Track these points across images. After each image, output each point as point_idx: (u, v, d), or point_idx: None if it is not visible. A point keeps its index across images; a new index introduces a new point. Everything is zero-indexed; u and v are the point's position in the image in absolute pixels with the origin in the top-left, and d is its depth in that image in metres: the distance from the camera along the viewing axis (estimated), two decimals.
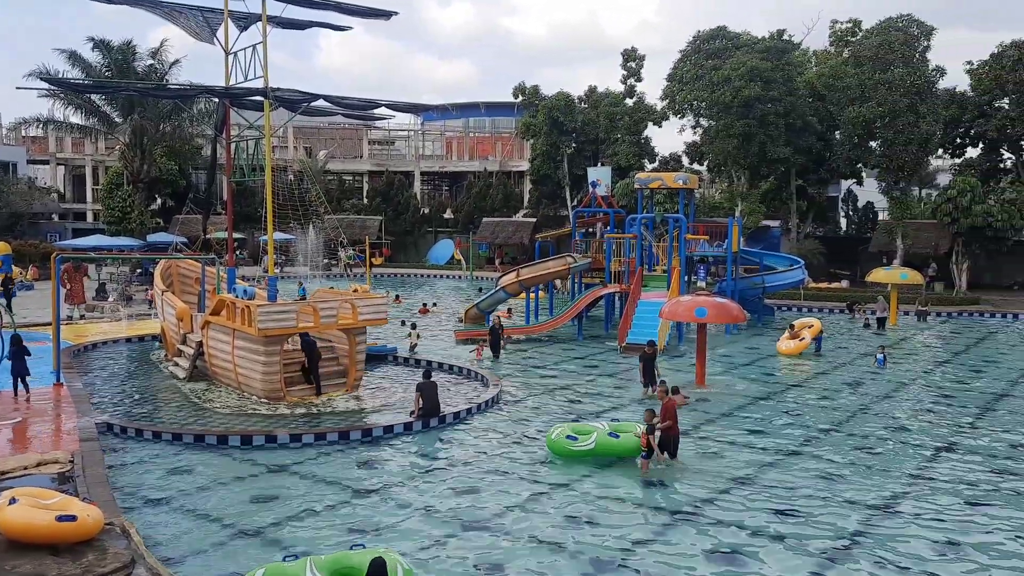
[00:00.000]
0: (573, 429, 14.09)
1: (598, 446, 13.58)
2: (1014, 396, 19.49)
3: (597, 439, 13.63)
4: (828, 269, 44.90)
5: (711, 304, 19.85)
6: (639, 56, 53.83)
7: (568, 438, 13.79)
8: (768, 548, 10.35)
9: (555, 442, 13.94)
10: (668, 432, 13.67)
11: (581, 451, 13.62)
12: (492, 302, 30.43)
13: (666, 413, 13.72)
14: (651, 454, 13.32)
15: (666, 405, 13.86)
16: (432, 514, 11.48)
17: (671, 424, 13.68)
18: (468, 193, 61.95)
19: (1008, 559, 10.06)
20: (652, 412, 13.62)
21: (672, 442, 13.75)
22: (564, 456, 13.78)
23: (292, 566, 8.48)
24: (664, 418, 13.67)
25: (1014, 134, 41.20)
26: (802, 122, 43.42)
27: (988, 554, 10.21)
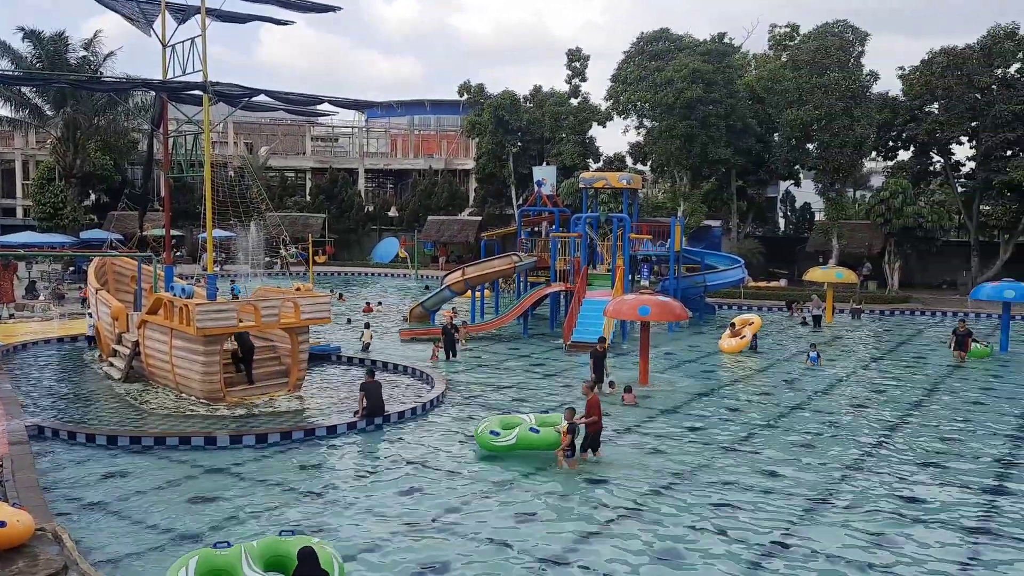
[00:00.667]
0: (498, 423, 14.27)
1: (519, 441, 13.75)
2: (942, 392, 20.22)
3: (518, 434, 13.79)
4: (767, 268, 45.93)
5: (654, 302, 20.12)
6: (584, 56, 54.25)
7: (492, 433, 13.97)
8: (708, 542, 10.55)
9: (480, 436, 14.15)
10: (592, 428, 13.84)
11: (503, 445, 13.79)
12: (437, 301, 30.34)
13: (590, 409, 13.90)
14: (574, 452, 13.36)
15: (590, 401, 14.01)
16: (377, 514, 11.39)
17: (595, 420, 13.84)
18: (413, 191, 61.62)
19: (941, 546, 10.43)
20: (572, 410, 13.72)
21: (595, 438, 13.92)
22: (489, 450, 13.95)
23: (224, 553, 8.37)
24: (588, 414, 13.85)
25: (943, 138, 42.70)
26: (742, 124, 44.31)
27: (920, 544, 10.56)
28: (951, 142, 43.54)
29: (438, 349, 23.31)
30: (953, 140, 43.30)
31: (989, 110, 40.26)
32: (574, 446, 13.39)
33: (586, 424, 13.78)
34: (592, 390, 14.58)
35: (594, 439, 13.90)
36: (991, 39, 40.79)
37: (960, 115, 41.27)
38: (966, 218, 44.13)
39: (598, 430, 13.94)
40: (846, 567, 9.85)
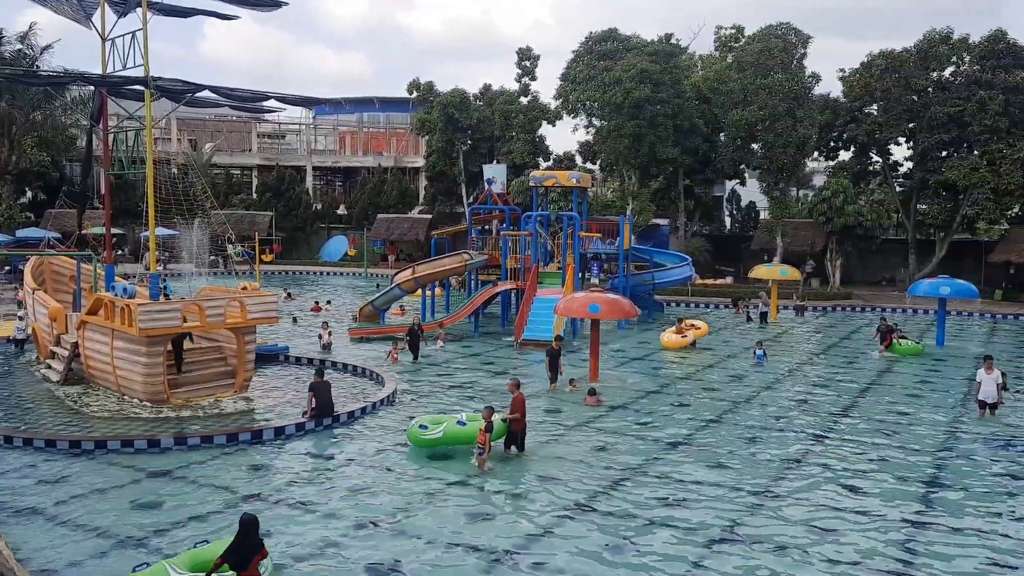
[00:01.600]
0: (429, 419, 14.32)
1: (446, 434, 13.84)
2: (882, 385, 20.79)
3: (445, 428, 13.88)
4: (714, 266, 46.66)
5: (604, 300, 20.28)
6: (534, 56, 54.40)
7: (420, 427, 14.04)
8: (658, 536, 10.68)
9: (410, 431, 14.24)
10: (516, 425, 13.89)
11: (431, 439, 13.89)
12: (387, 299, 30.11)
13: (515, 406, 13.96)
14: (484, 451, 13.22)
15: (516, 399, 14.07)
16: (326, 515, 11.28)
17: (519, 417, 13.92)
18: (362, 189, 61.08)
19: (882, 534, 10.73)
20: (491, 409, 13.67)
21: (520, 435, 13.99)
22: (419, 445, 14.02)
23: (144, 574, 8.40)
24: (513, 411, 13.93)
25: (882, 138, 43.86)
26: (689, 124, 44.92)
27: (862, 533, 10.85)
28: (889, 143, 44.77)
29: (396, 351, 22.91)
30: (891, 141, 44.54)
31: (925, 112, 41.50)
32: (488, 444, 13.29)
33: (510, 421, 13.82)
34: (516, 388, 14.39)
35: (519, 437, 13.96)
36: (927, 43, 42.05)
37: (898, 116, 42.46)
38: (904, 217, 45.45)
39: (522, 428, 14.02)
40: (791, 557, 10.07)
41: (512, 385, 14.73)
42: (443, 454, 14.00)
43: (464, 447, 13.91)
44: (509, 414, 13.99)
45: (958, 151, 41.44)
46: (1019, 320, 34.24)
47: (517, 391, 14.39)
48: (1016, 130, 39.87)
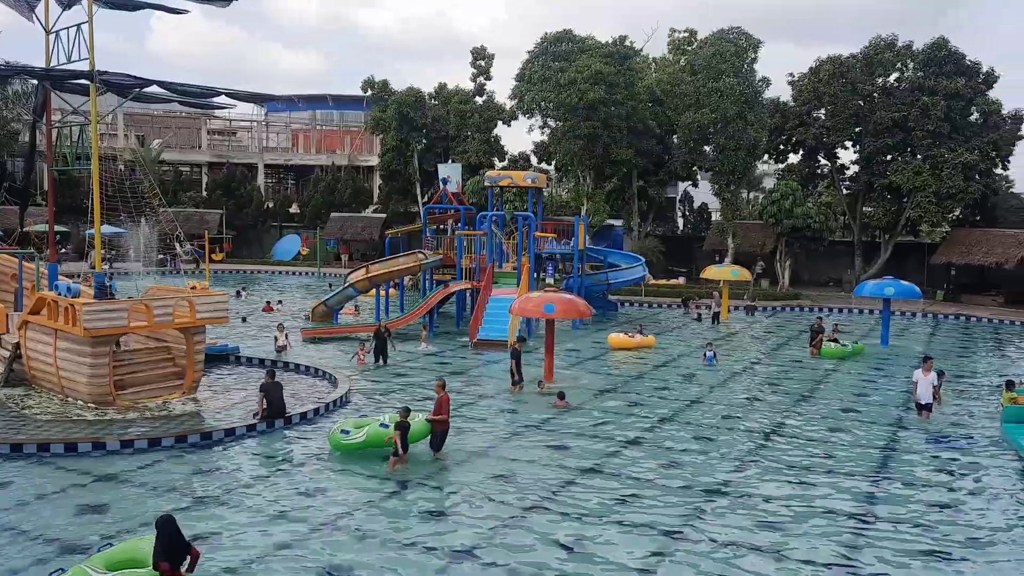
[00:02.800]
0: (350, 424, 14.14)
1: (369, 438, 13.67)
2: (829, 383, 21.27)
3: (368, 431, 13.69)
4: (667, 266, 47.20)
5: (559, 300, 20.37)
6: (489, 55, 54.37)
7: (343, 432, 13.84)
8: (613, 534, 10.77)
9: (332, 437, 14.00)
10: (439, 426, 13.80)
11: (354, 443, 13.71)
12: (340, 299, 29.84)
13: (440, 407, 13.87)
14: (398, 452, 13.13)
15: (440, 399, 13.97)
16: (277, 518, 11.14)
17: (443, 419, 13.83)
18: (315, 187, 60.39)
19: (832, 527, 10.98)
20: (407, 410, 13.56)
21: (441, 437, 13.89)
22: (341, 450, 13.82)
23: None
24: (437, 412, 13.85)
25: (830, 142, 44.85)
26: (643, 126, 45.36)
27: (810, 529, 11.08)
28: (837, 146, 45.80)
29: (363, 353, 22.58)
30: (839, 145, 45.57)
31: (871, 116, 42.53)
32: (406, 444, 13.17)
33: (433, 422, 13.73)
34: (442, 389, 14.25)
35: (440, 438, 13.86)
36: (872, 49, 43.12)
37: (845, 121, 43.45)
38: (850, 219, 46.52)
39: (445, 429, 13.91)
40: (743, 553, 10.24)
41: (438, 386, 14.50)
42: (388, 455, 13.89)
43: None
44: (433, 415, 13.86)
45: (902, 155, 42.56)
46: (959, 320, 35.32)
47: (443, 392, 14.21)
48: (957, 135, 41.09)
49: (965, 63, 41.67)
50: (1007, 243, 39.66)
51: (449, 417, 14.07)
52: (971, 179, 40.97)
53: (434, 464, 13.54)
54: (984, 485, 13.07)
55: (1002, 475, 13.60)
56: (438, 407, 13.96)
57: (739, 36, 42.54)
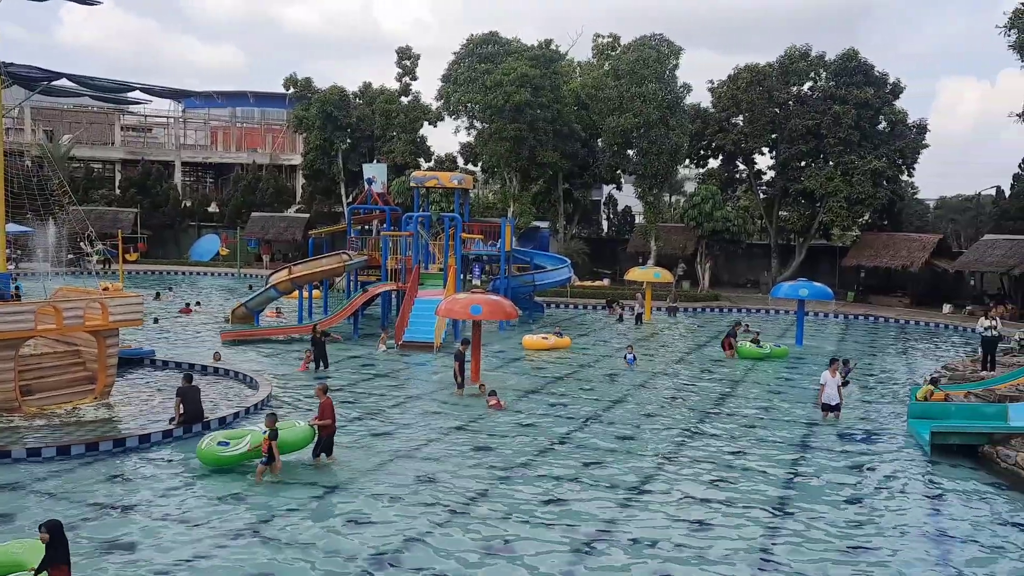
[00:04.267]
0: (226, 435, 13.43)
1: (254, 448, 13.00)
2: (747, 382, 21.89)
3: (251, 441, 13.03)
4: (592, 268, 47.80)
5: (485, 301, 20.39)
6: (414, 55, 54.08)
7: (220, 444, 13.04)
8: (539, 535, 10.83)
9: (205, 451, 13.03)
10: (325, 431, 13.54)
11: (234, 456, 12.96)
12: (262, 300, 29.18)
13: (324, 412, 13.57)
14: (271, 460, 12.71)
15: (323, 404, 13.69)
16: (193, 526, 10.81)
17: (329, 423, 13.56)
18: (235, 186, 58.94)
19: (750, 523, 11.28)
20: (274, 416, 13.19)
21: (327, 441, 13.60)
22: (216, 464, 13.00)
23: None
24: (321, 416, 13.56)
25: (747, 148, 46.22)
26: (568, 129, 45.84)
27: (730, 526, 11.37)
28: (754, 152, 47.23)
29: (309, 358, 21.85)
30: (756, 150, 47.00)
31: (786, 124, 44.01)
32: (272, 454, 12.71)
33: (319, 427, 13.48)
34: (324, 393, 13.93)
35: (327, 442, 13.58)
36: (788, 59, 44.62)
37: (762, 128, 44.83)
38: (767, 222, 48.03)
39: (331, 433, 13.65)
40: (665, 551, 10.44)
41: (319, 390, 14.17)
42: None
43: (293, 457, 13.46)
44: (317, 419, 13.55)
45: (815, 161, 44.16)
46: (868, 320, 36.84)
47: (324, 396, 13.88)
48: (866, 143, 42.88)
49: (874, 74, 43.53)
50: (912, 247, 41.61)
51: (334, 421, 13.69)
52: (879, 185, 42.86)
53: (357, 468, 13.34)
54: (891, 479, 13.66)
55: (908, 469, 14.23)
56: (322, 412, 13.56)
57: (661, 43, 43.42)
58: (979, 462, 14.47)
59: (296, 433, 13.56)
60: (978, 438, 14.90)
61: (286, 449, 13.20)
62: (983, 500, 12.68)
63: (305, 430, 13.62)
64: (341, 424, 16.04)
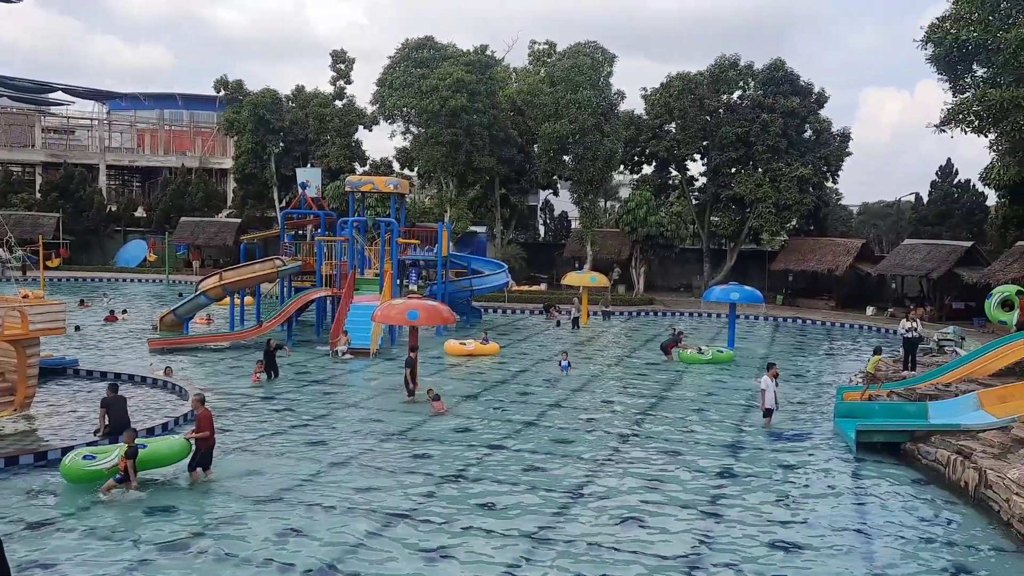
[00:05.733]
0: (93, 449, 12.87)
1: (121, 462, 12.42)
2: (681, 386, 22.28)
3: (119, 453, 12.47)
4: (529, 273, 48.03)
5: (422, 307, 20.30)
6: (349, 59, 53.59)
7: (85, 459, 12.45)
8: (476, 541, 10.80)
9: (70, 468, 12.38)
10: (203, 444, 12.97)
11: (99, 470, 12.38)
12: (191, 308, 28.46)
13: (201, 424, 13.06)
14: (125, 478, 12.13)
15: (201, 415, 13.18)
16: (120, 541, 10.45)
17: (207, 436, 13.00)
18: (164, 190, 57.41)
19: (684, 523, 11.47)
20: (133, 432, 12.70)
21: (207, 454, 13.06)
22: (83, 480, 12.36)
23: None
24: (199, 429, 13.02)
25: (680, 155, 47.15)
26: (504, 134, 46.02)
27: (664, 526, 11.54)
28: (686, 159, 48.20)
29: (260, 370, 21.21)
30: (688, 157, 47.98)
31: (717, 131, 45.04)
32: (127, 472, 12.14)
33: (196, 441, 12.92)
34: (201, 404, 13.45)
35: (206, 456, 13.01)
36: (718, 68, 45.69)
37: (693, 135, 45.79)
38: (699, 227, 49.05)
39: (210, 446, 13.09)
40: (603, 553, 10.53)
41: (196, 401, 13.73)
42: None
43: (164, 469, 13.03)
44: (194, 432, 13.02)
45: (745, 168, 45.30)
46: (796, 323, 37.91)
47: (202, 407, 13.38)
48: (793, 150, 44.19)
49: (800, 84, 44.92)
50: (837, 251, 43.01)
51: (213, 434, 13.13)
52: (806, 191, 44.22)
53: (292, 478, 13.09)
54: (819, 478, 14.06)
55: (835, 467, 14.68)
56: (199, 424, 13.05)
57: (595, 50, 43.97)
58: (902, 459, 15.01)
59: (169, 446, 12.97)
60: (900, 436, 15.45)
61: (158, 463, 12.70)
62: (905, 495, 13.15)
63: (179, 443, 13.01)
64: (277, 432, 15.79)
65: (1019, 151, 30.31)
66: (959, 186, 45.32)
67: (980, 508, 12.33)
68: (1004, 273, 33.38)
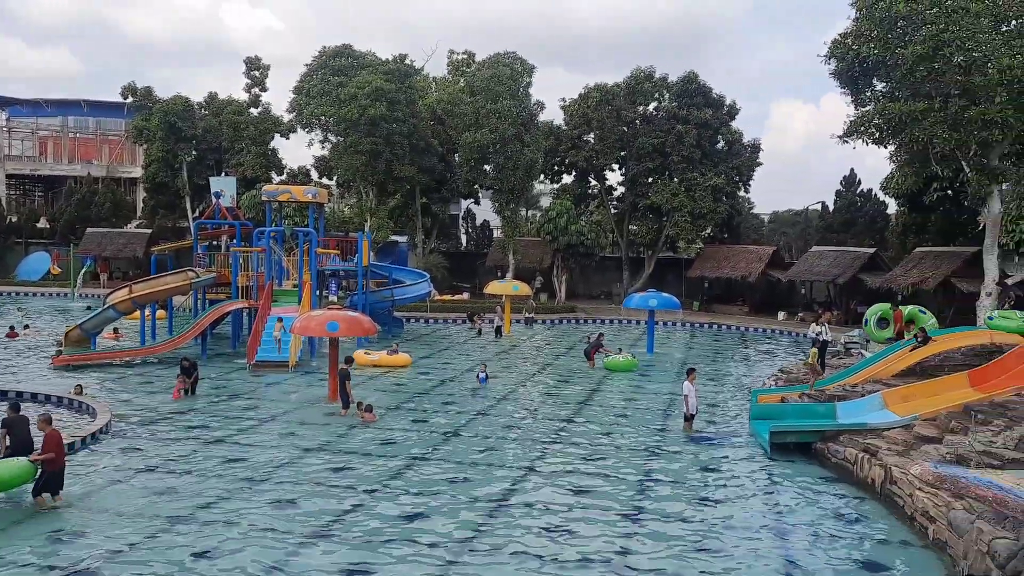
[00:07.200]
0: None
1: None
2: (603, 391, 22.57)
3: None
4: (451, 282, 47.94)
5: (343, 318, 20.00)
6: (264, 65, 52.59)
7: None
8: (400, 551, 10.68)
9: None
10: (51, 466, 12.30)
11: None
12: (99, 322, 27.29)
13: (48, 445, 12.41)
14: None
15: (48, 436, 12.54)
16: (25, 568, 9.91)
17: (54, 457, 12.34)
18: (68, 200, 55.06)
19: (608, 528, 11.59)
20: None
21: (56, 477, 12.40)
22: None
23: None
24: (45, 450, 12.37)
25: (599, 164, 47.94)
26: (425, 143, 45.90)
27: (587, 533, 11.64)
28: (605, 169, 49.06)
29: (182, 385, 20.37)
30: (607, 167, 48.83)
31: (634, 142, 45.98)
32: None
33: (43, 463, 12.23)
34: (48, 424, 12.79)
35: (54, 479, 12.33)
36: (634, 79, 46.67)
37: (611, 145, 46.63)
38: (618, 236, 49.91)
39: (59, 468, 12.44)
40: (527, 561, 10.55)
41: (43, 421, 12.99)
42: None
43: None
44: (40, 454, 12.31)
45: (661, 178, 46.36)
46: (712, 328, 38.93)
47: (49, 427, 12.73)
48: (707, 161, 45.47)
49: (712, 96, 46.28)
50: (750, 258, 44.42)
51: (62, 455, 12.49)
52: (719, 200, 45.52)
53: (209, 495, 12.67)
54: (736, 479, 14.44)
55: (751, 468, 15.10)
56: (45, 445, 12.39)
57: (514, 60, 44.33)
58: (814, 458, 15.56)
59: (9, 468, 12.10)
60: (811, 436, 16.01)
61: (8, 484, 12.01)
62: (817, 493, 13.64)
63: (21, 466, 12.16)
64: (193, 449, 15.27)
65: (916, 162, 31.93)
66: (862, 195, 47.44)
67: (887, 503, 12.87)
68: (904, 278, 35.13)
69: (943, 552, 10.72)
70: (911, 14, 26.72)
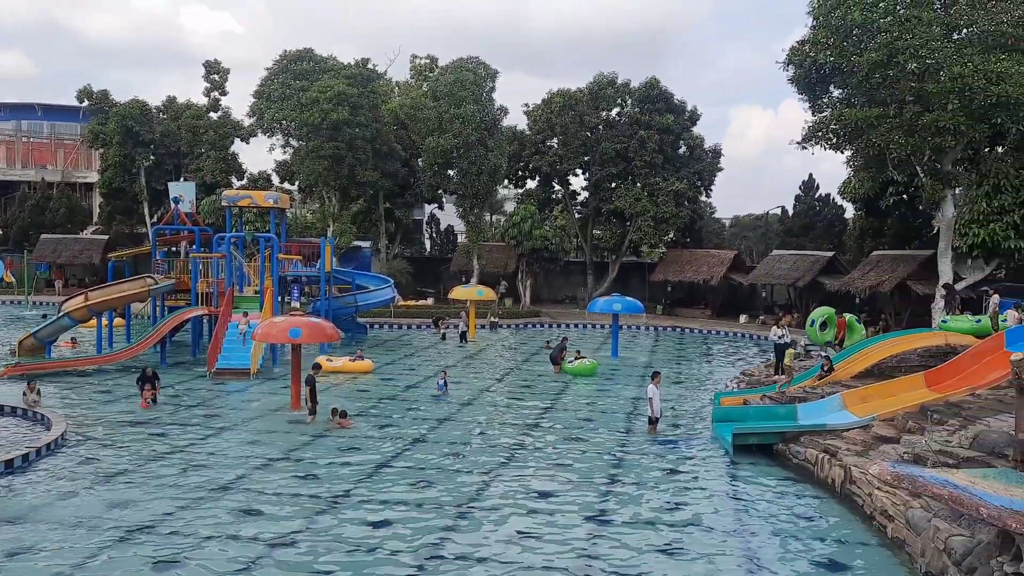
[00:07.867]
0: None
1: None
2: (567, 395, 22.63)
3: None
4: (415, 287, 47.74)
5: (305, 324, 19.78)
6: (224, 69, 51.98)
7: None
8: (365, 560, 10.58)
9: None
10: None
11: None
12: (54, 330, 26.70)
13: None
14: None
15: None
16: None
17: None
18: (21, 206, 53.81)
19: (574, 532, 11.61)
20: None
21: None
22: None
23: None
24: None
25: (562, 169, 48.16)
26: (388, 148, 45.69)
27: (555, 536, 11.65)
28: (569, 174, 49.29)
29: (149, 394, 19.87)
30: (570, 172, 49.07)
31: (597, 147, 46.28)
32: None
33: None
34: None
35: None
36: (597, 85, 47.00)
37: (575, 150, 46.87)
38: (582, 240, 50.14)
39: None
40: (495, 568, 10.52)
41: None
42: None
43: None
44: None
45: (624, 183, 46.69)
46: (676, 331, 39.28)
47: None
48: (669, 166, 45.93)
49: (674, 102, 46.77)
50: (712, 262, 44.92)
51: None
52: (682, 205, 46.00)
53: (168, 505, 12.44)
54: (700, 480, 14.56)
55: (714, 470, 15.25)
56: None
57: (477, 65, 44.37)
58: (775, 459, 15.75)
59: None
60: (773, 437, 16.22)
61: None
62: (779, 494, 13.80)
63: None
64: (152, 458, 14.99)
65: (872, 167, 32.59)
66: (820, 200, 48.26)
67: (847, 503, 13.08)
68: (862, 281, 35.78)
69: (901, 550, 10.92)
70: (866, 22, 27.30)
